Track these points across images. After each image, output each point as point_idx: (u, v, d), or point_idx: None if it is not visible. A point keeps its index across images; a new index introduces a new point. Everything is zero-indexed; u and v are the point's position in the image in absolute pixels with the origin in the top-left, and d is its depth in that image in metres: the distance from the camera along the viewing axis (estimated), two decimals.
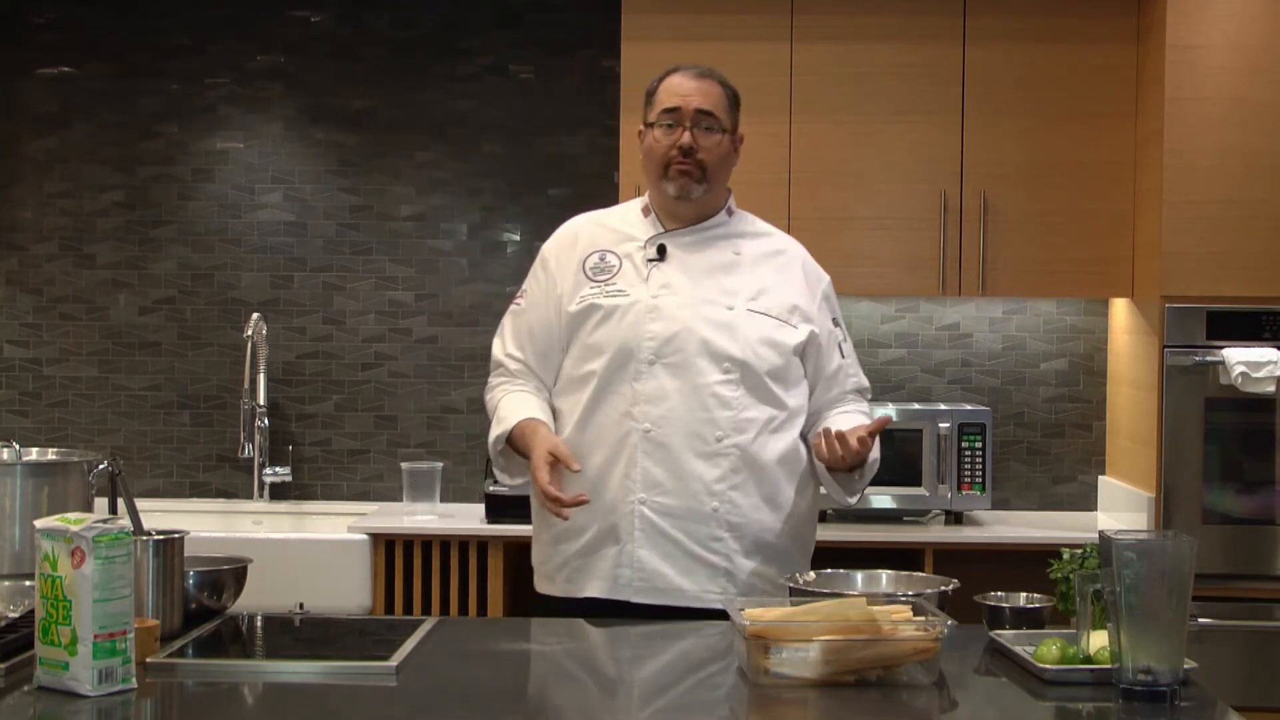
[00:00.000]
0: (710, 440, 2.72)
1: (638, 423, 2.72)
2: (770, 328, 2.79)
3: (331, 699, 2.10)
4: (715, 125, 2.82)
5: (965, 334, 4.54)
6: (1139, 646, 2.00)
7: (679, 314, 2.76)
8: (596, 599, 2.73)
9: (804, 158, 4.17)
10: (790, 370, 2.81)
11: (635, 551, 2.71)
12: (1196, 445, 3.90)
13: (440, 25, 4.59)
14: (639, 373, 2.73)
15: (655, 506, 2.71)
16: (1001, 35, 4.15)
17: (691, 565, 2.71)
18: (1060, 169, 4.16)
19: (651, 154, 2.83)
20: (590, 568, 2.75)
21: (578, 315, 2.80)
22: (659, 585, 2.71)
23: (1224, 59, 3.92)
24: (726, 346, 2.74)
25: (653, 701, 2.16)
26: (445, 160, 4.60)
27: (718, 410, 2.72)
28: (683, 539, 2.71)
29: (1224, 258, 3.92)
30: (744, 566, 2.74)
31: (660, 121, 2.82)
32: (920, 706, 2.09)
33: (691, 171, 2.79)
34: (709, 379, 2.73)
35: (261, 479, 4.52)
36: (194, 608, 2.46)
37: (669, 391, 2.72)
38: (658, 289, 2.78)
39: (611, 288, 2.80)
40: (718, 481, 2.72)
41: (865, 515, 4.18)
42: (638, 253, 2.83)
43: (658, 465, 2.71)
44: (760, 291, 2.82)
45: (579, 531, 2.75)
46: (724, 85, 2.86)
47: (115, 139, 4.63)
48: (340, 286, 4.61)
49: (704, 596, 2.71)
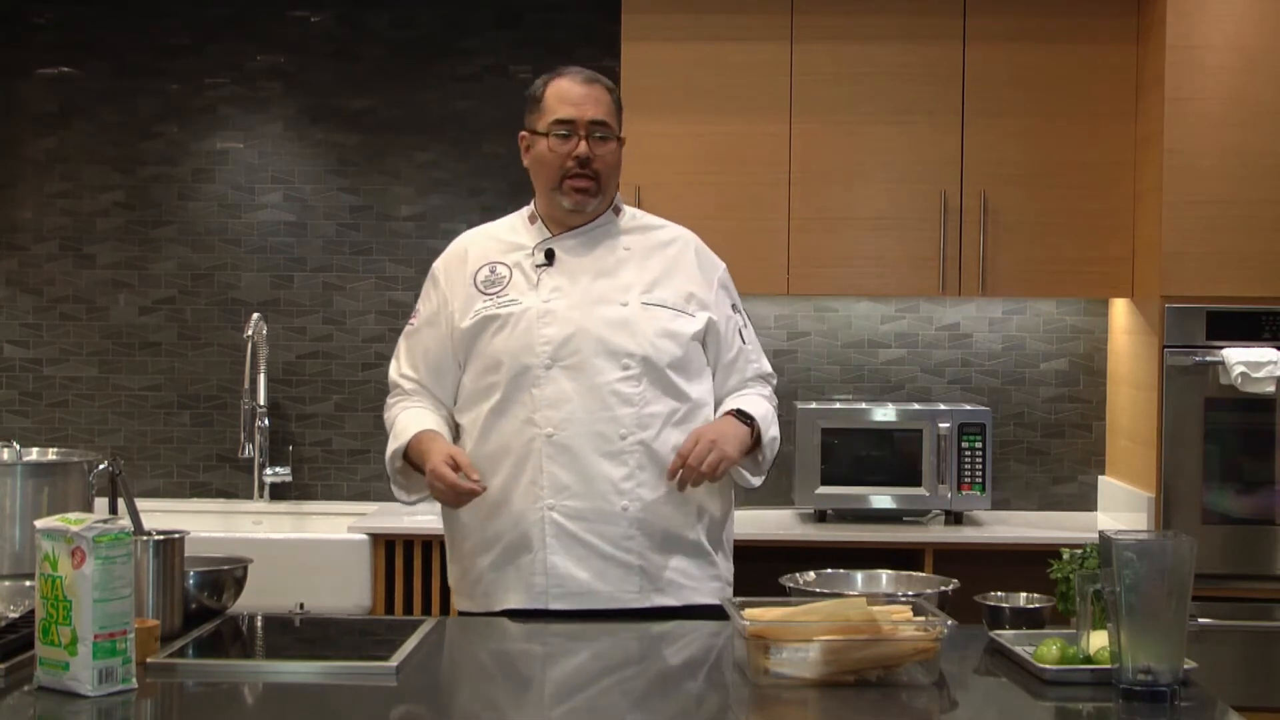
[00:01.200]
0: (614, 439, 2.69)
1: (540, 428, 2.69)
2: (667, 318, 2.76)
3: (331, 699, 2.10)
4: (609, 133, 2.79)
5: (965, 334, 4.54)
6: (1139, 646, 2.00)
7: (572, 315, 2.73)
8: (513, 610, 2.71)
9: (804, 158, 4.18)
10: (691, 360, 2.78)
11: (548, 558, 2.69)
12: (1196, 445, 3.91)
13: (440, 25, 4.59)
14: (537, 379, 2.71)
15: (564, 510, 2.69)
16: (1001, 35, 4.16)
17: (604, 566, 2.69)
18: (1060, 169, 4.16)
19: (545, 164, 2.79)
20: (505, 580, 2.73)
21: (472, 329, 2.77)
22: (574, 589, 2.69)
23: (1224, 59, 3.92)
24: (624, 343, 2.72)
25: (653, 701, 2.16)
26: (445, 160, 4.60)
27: (619, 408, 2.70)
28: (595, 541, 2.69)
29: (1224, 258, 3.92)
30: (658, 563, 2.71)
31: (553, 131, 2.77)
32: (920, 706, 2.09)
33: (589, 185, 2.77)
34: (608, 377, 2.70)
35: (261, 479, 4.52)
36: (194, 608, 2.46)
37: (569, 394, 2.70)
38: (548, 293, 2.76)
39: (504, 298, 2.77)
40: (625, 480, 2.69)
41: (865, 515, 4.18)
42: (526, 260, 2.80)
43: (563, 469, 2.69)
44: (653, 283, 2.79)
45: (490, 544, 2.74)
46: (611, 91, 2.83)
47: (115, 139, 4.63)
48: (340, 286, 4.62)
49: (620, 596, 2.69)
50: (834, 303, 4.52)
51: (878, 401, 4.39)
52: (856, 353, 4.53)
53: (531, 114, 2.83)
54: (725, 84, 4.15)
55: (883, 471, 4.17)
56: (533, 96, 2.83)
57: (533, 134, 2.82)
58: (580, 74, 2.82)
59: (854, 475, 4.17)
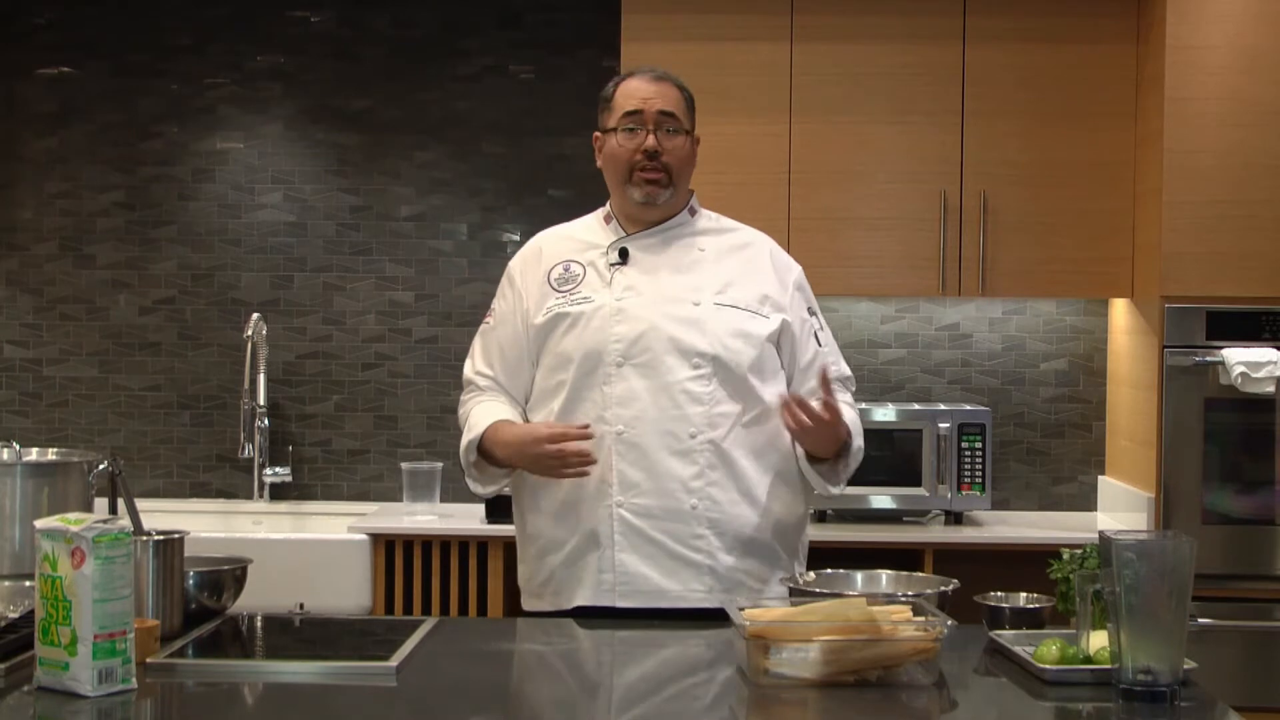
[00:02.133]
0: (684, 437, 2.70)
1: (610, 426, 2.70)
2: (740, 320, 2.77)
3: (331, 699, 2.10)
4: (678, 127, 2.81)
5: (965, 334, 4.54)
6: (1139, 646, 2.00)
7: (644, 314, 2.74)
8: (583, 607, 2.72)
9: (804, 158, 4.17)
10: (765, 362, 2.78)
11: (616, 556, 2.70)
12: (1196, 445, 3.90)
13: (440, 25, 4.59)
14: (608, 376, 2.72)
15: (633, 508, 2.70)
16: (1001, 35, 4.16)
17: (674, 565, 2.70)
18: (1060, 169, 4.16)
19: (615, 159, 2.81)
20: (575, 577, 2.74)
21: (545, 326, 2.79)
22: (643, 588, 2.70)
23: (1224, 59, 3.92)
24: (695, 342, 2.72)
25: (653, 701, 2.16)
26: (445, 160, 4.60)
27: (689, 407, 2.71)
28: (663, 539, 2.70)
29: (1224, 258, 3.92)
30: (726, 563, 2.72)
31: (622, 126, 2.80)
32: (920, 706, 2.09)
33: (659, 178, 2.79)
34: (678, 376, 2.71)
35: (261, 479, 4.52)
36: (194, 608, 2.46)
37: (639, 392, 2.71)
38: (621, 291, 2.77)
39: (576, 295, 2.79)
40: (694, 478, 2.70)
41: (865, 515, 4.18)
42: (601, 259, 2.82)
43: (633, 466, 2.70)
44: (727, 284, 2.80)
45: (561, 543, 2.75)
46: (681, 88, 2.86)
47: (115, 139, 4.63)
48: (340, 286, 4.62)
49: (688, 595, 2.70)
50: (834, 303, 4.52)
51: (878, 401, 4.39)
52: (856, 353, 4.53)
53: (603, 114, 2.86)
54: (725, 84, 4.15)
55: (883, 471, 4.16)
56: (604, 97, 2.87)
57: (604, 133, 2.85)
58: (651, 72, 2.86)
59: (854, 475, 4.14)
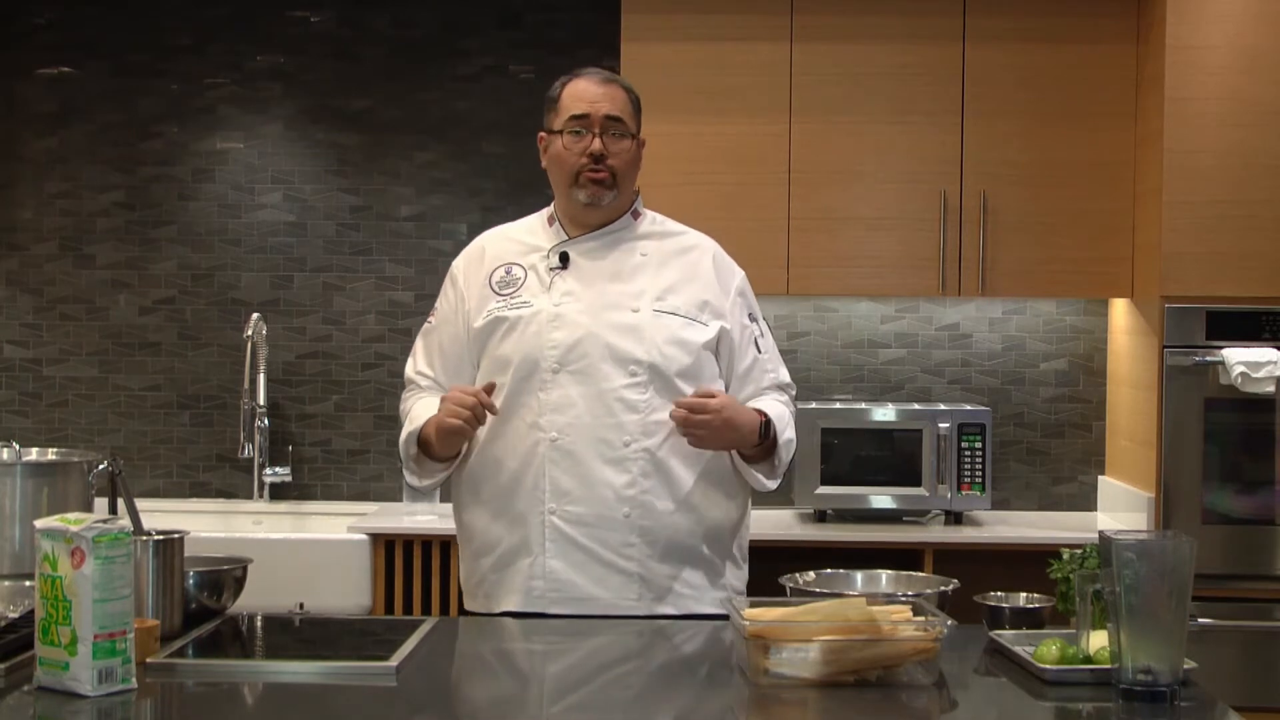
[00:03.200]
0: (618, 445, 2.69)
1: (545, 432, 2.69)
2: (678, 326, 2.75)
3: (331, 699, 2.10)
4: (624, 130, 2.80)
5: (965, 334, 4.54)
6: (1139, 646, 2.00)
7: (581, 320, 2.73)
8: (513, 612, 2.71)
9: (804, 158, 4.17)
10: (702, 369, 2.76)
11: (547, 562, 2.69)
12: (1196, 445, 3.90)
13: (440, 25, 4.59)
14: (544, 382, 2.70)
15: (565, 515, 2.69)
16: (1001, 35, 4.16)
17: (604, 573, 2.69)
18: (1060, 169, 4.16)
19: (561, 161, 2.79)
20: (505, 581, 2.73)
21: (484, 330, 2.78)
22: (572, 595, 2.69)
23: (1224, 59, 3.92)
24: (632, 350, 2.71)
25: (652, 701, 2.16)
26: (445, 160, 4.60)
27: (624, 415, 2.69)
28: (594, 547, 2.68)
29: (1224, 258, 3.92)
30: (659, 571, 2.71)
31: (568, 128, 2.78)
32: (920, 706, 2.09)
33: (604, 179, 2.77)
34: (614, 384, 2.70)
35: (261, 479, 4.52)
36: (194, 608, 2.46)
37: (574, 399, 2.69)
38: (560, 297, 2.75)
39: (516, 300, 2.78)
40: (628, 487, 2.69)
41: (865, 515, 4.18)
42: (541, 263, 2.81)
43: (566, 474, 2.68)
44: (667, 290, 2.78)
45: (492, 546, 2.74)
46: (628, 90, 2.84)
47: (115, 139, 4.63)
48: (340, 286, 4.62)
49: (619, 604, 2.69)
50: (834, 303, 4.52)
51: (878, 401, 4.39)
52: (856, 353, 4.53)
53: (549, 114, 2.84)
54: (725, 84, 4.15)
55: (883, 471, 4.17)
56: (550, 98, 2.84)
57: (549, 134, 2.83)
58: (598, 74, 2.84)
59: (854, 475, 4.17)
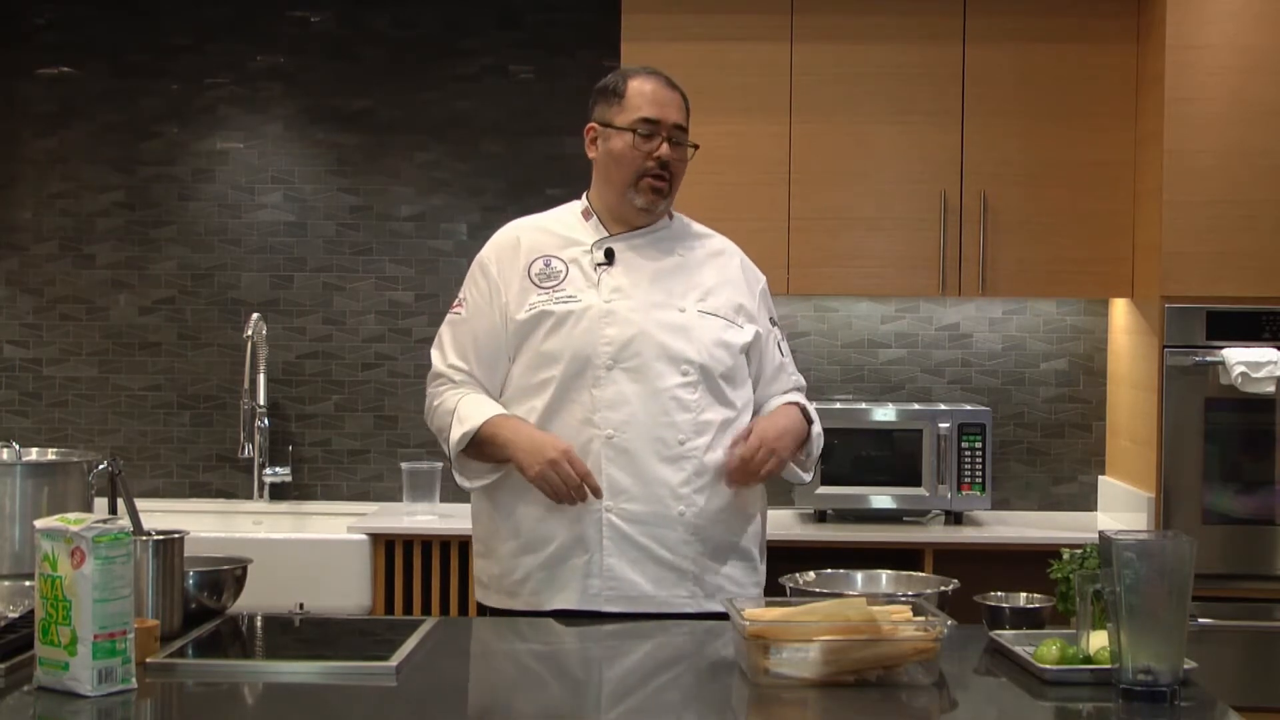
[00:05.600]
0: (673, 444, 2.70)
1: (599, 429, 2.69)
2: (720, 328, 2.79)
3: (331, 699, 2.10)
4: (685, 140, 2.82)
5: (965, 334, 4.54)
6: (1139, 646, 2.00)
7: (633, 318, 2.73)
8: (566, 610, 2.70)
9: (804, 158, 4.17)
10: (738, 370, 2.80)
11: (605, 560, 2.69)
12: (1196, 445, 3.90)
13: (440, 25, 4.59)
14: (597, 379, 2.70)
15: (622, 514, 2.69)
16: (1001, 35, 4.15)
17: (660, 572, 2.70)
18: (1060, 169, 4.16)
19: (623, 160, 2.77)
20: (557, 579, 2.71)
21: (527, 323, 2.74)
22: (629, 593, 2.69)
23: (1224, 59, 3.92)
24: (684, 349, 2.73)
25: (652, 700, 2.16)
26: (445, 160, 4.60)
27: (678, 414, 2.71)
28: (651, 545, 2.69)
29: (1224, 258, 3.92)
30: (711, 569, 2.73)
31: (639, 129, 2.77)
32: (920, 706, 2.09)
33: (664, 188, 2.78)
34: (669, 382, 2.71)
35: (261, 479, 4.52)
36: (194, 608, 2.46)
37: (629, 396, 2.70)
38: (610, 293, 2.75)
39: (561, 294, 2.75)
40: (682, 485, 2.70)
41: (865, 515, 4.18)
42: (584, 257, 2.79)
43: (623, 471, 2.69)
44: (708, 293, 2.81)
45: (544, 542, 2.72)
46: (685, 97, 2.86)
47: (115, 139, 4.63)
48: (340, 286, 4.62)
49: (672, 601, 2.70)
50: (834, 303, 4.52)
51: (878, 401, 4.39)
52: (856, 353, 4.53)
53: (608, 107, 2.81)
54: (725, 84, 4.15)
55: (883, 471, 4.17)
56: (610, 90, 2.82)
57: (606, 127, 2.81)
58: (662, 77, 2.84)
59: (854, 475, 4.17)
